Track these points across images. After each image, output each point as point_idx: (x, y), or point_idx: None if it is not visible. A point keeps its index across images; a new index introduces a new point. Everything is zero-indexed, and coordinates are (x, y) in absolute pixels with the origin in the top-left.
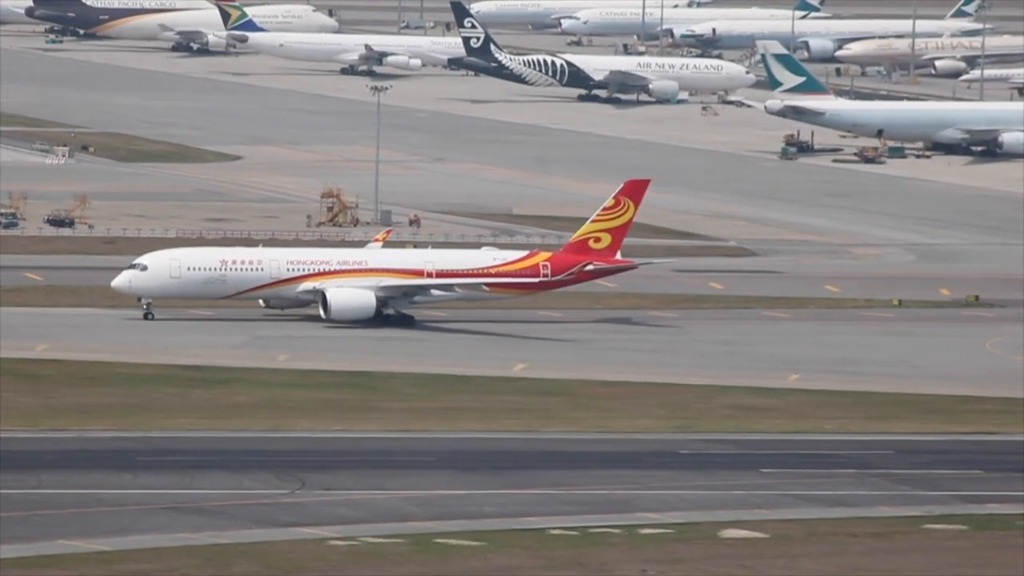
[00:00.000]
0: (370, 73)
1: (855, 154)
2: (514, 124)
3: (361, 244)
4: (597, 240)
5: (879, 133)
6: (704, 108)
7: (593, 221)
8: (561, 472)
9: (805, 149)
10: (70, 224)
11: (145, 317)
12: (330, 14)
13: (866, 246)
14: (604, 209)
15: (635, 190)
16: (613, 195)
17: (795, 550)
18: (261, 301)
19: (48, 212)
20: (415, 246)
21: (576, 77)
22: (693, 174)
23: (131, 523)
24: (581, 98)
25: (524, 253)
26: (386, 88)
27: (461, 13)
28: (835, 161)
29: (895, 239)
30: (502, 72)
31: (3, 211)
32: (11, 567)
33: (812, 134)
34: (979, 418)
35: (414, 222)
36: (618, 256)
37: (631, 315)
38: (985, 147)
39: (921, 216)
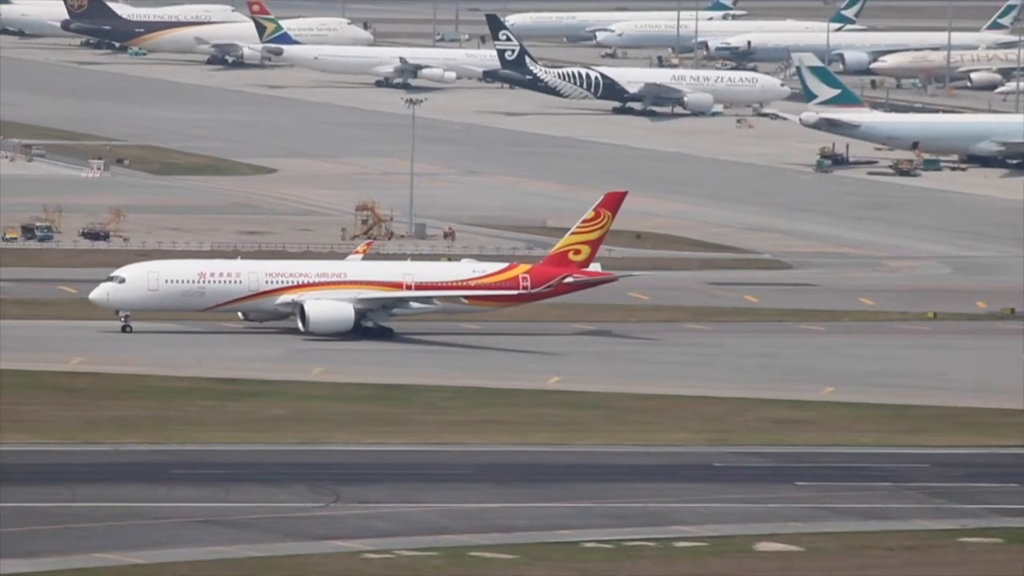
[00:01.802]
0: (405, 86)
1: (890, 167)
2: (548, 137)
3: (397, 257)
4: (577, 252)
5: (914, 145)
6: (739, 121)
7: (573, 233)
8: (596, 485)
9: (840, 161)
10: (105, 237)
11: (123, 330)
12: (365, 27)
13: (901, 259)
14: (584, 221)
15: (613, 202)
16: (593, 207)
17: (830, 563)
18: (240, 314)
19: (83, 225)
20: (449, 259)
21: (611, 90)
22: (728, 186)
23: (166, 536)
24: (616, 111)
25: (504, 265)
26: (421, 101)
27: (496, 26)
28: (870, 174)
29: (930, 252)
30: (537, 84)
31: (38, 224)
32: None
33: (847, 146)
34: (1015, 431)
35: (449, 235)
36: (596, 267)
37: (665, 328)
38: (1020, 159)
39: (956, 229)
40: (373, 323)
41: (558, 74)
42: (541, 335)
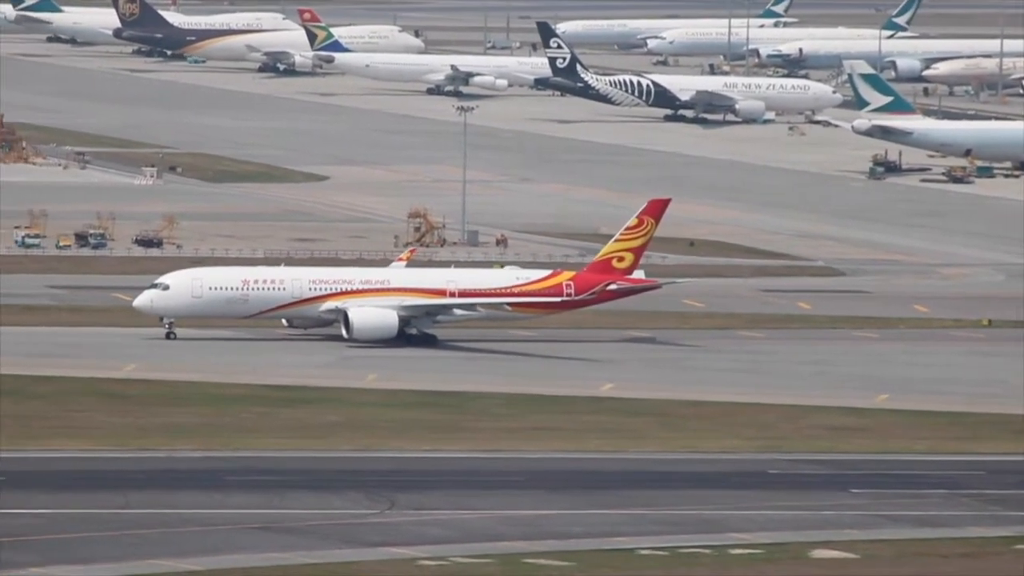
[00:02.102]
0: (456, 93)
1: (943, 174)
2: (600, 144)
3: (448, 265)
4: (620, 259)
5: (967, 153)
6: (791, 128)
7: (616, 240)
8: (650, 492)
9: (893, 169)
10: (158, 244)
11: (167, 337)
12: (416, 34)
13: (955, 266)
14: (627, 228)
15: (656, 209)
16: (636, 214)
17: (885, 570)
18: (284, 320)
19: (136, 232)
20: (501, 266)
21: (662, 97)
22: (780, 194)
23: (221, 543)
24: (667, 118)
25: (547, 272)
26: (472, 108)
27: (547, 33)
28: (923, 181)
29: (984, 259)
30: (588, 92)
31: (92, 231)
32: None
33: (900, 154)
34: None
35: (501, 242)
36: (640, 275)
37: (719, 335)
38: None
39: (1010, 236)
40: (417, 330)
41: (609, 82)
42: (593, 342)
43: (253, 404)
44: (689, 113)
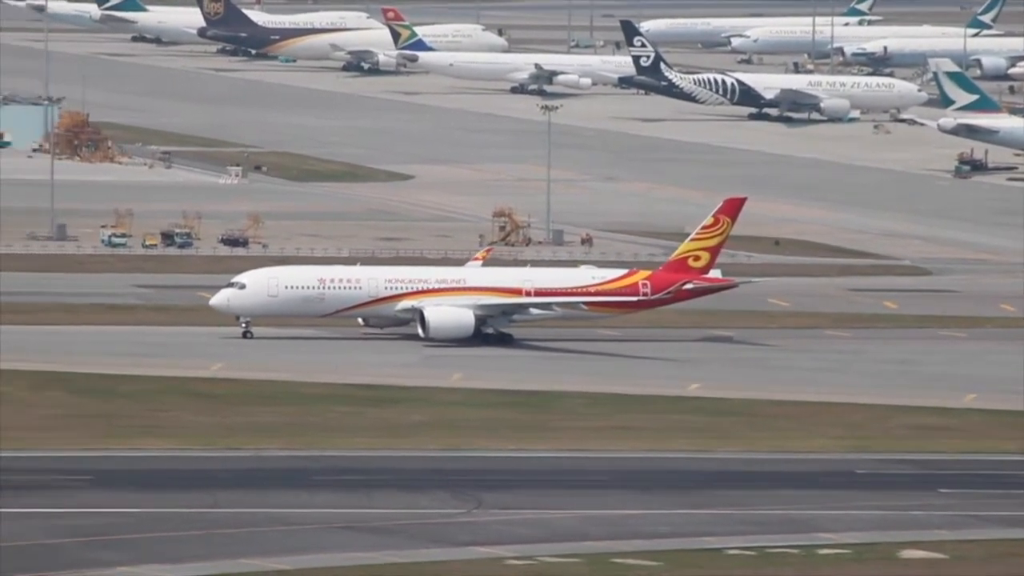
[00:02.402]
0: (540, 92)
1: None
2: (684, 143)
3: (535, 264)
4: (696, 258)
5: None
6: (876, 126)
7: (692, 239)
8: (738, 492)
9: (979, 167)
10: (244, 244)
11: (244, 336)
12: (500, 33)
13: None
14: (703, 228)
15: (733, 208)
16: (712, 213)
17: (975, 571)
18: (360, 319)
19: (222, 232)
20: (592, 264)
21: (747, 96)
22: (865, 193)
23: (308, 542)
24: (751, 116)
25: (624, 271)
26: (556, 107)
27: (631, 32)
28: (1010, 179)
29: None
30: (672, 91)
31: (178, 231)
32: None
33: (986, 152)
34: None
35: (586, 241)
36: (716, 274)
37: (805, 334)
38: None
39: None
40: (493, 329)
41: (694, 80)
42: (666, 341)
43: (339, 403)
44: (773, 112)
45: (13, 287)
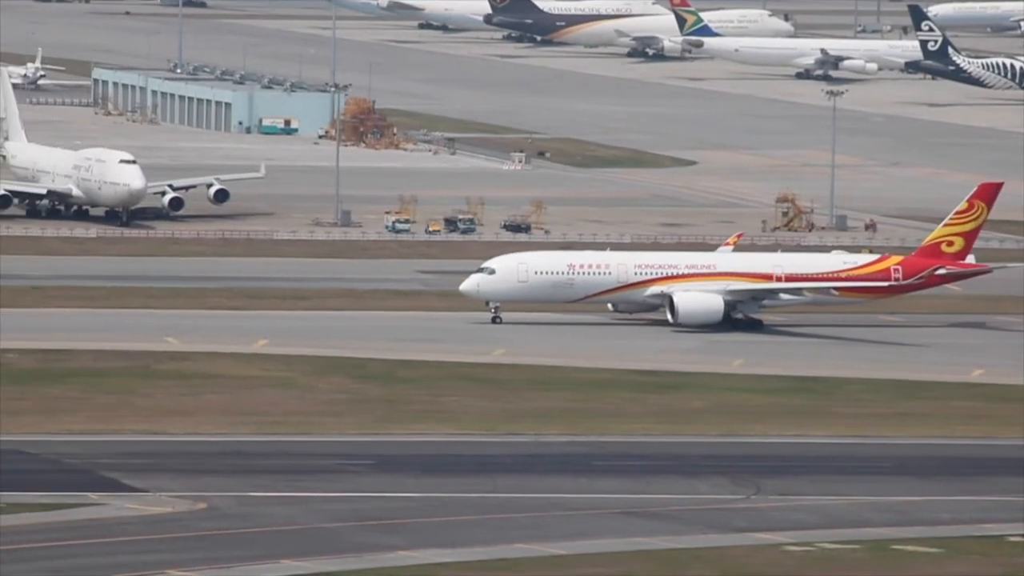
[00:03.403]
0: (825, 77)
1: None
2: (972, 127)
3: (820, 250)
4: (950, 244)
5: None
6: None
7: (946, 225)
8: (1019, 479)
9: None
10: (526, 229)
11: (493, 321)
12: (786, 18)
13: None
14: (957, 213)
15: (988, 193)
16: (966, 198)
17: None
18: (609, 305)
19: (505, 217)
20: (871, 251)
21: None
22: None
23: (586, 527)
24: None
25: (875, 257)
26: (842, 92)
27: (918, 16)
28: None
29: None
30: (959, 75)
31: (461, 217)
32: (468, 569)
33: None
34: None
35: (870, 227)
36: (971, 259)
37: None
38: None
39: None
40: (743, 315)
41: (981, 64)
42: (959, 327)
43: (620, 389)
44: None
45: (298, 273)
